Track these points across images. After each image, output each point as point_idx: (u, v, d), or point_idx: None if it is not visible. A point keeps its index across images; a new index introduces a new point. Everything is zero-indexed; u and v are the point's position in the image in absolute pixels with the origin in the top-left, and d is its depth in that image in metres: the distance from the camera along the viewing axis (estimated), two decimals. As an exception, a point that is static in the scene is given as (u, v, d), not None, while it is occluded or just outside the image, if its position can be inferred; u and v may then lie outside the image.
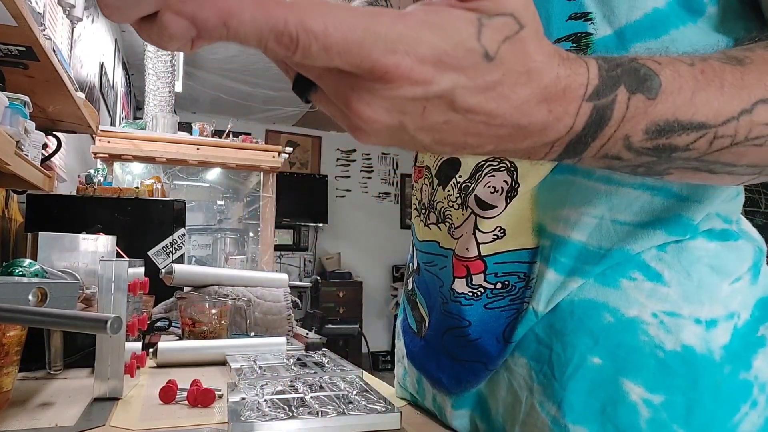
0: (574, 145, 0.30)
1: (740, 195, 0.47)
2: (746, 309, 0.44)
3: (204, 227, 2.87)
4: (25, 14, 0.90)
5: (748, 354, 0.42)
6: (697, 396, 0.40)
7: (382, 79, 0.24)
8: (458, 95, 0.26)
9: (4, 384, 0.72)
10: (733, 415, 0.41)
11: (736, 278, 0.44)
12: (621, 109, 0.29)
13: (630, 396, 0.41)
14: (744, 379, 0.41)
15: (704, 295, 0.43)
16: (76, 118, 1.43)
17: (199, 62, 4.14)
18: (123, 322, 0.82)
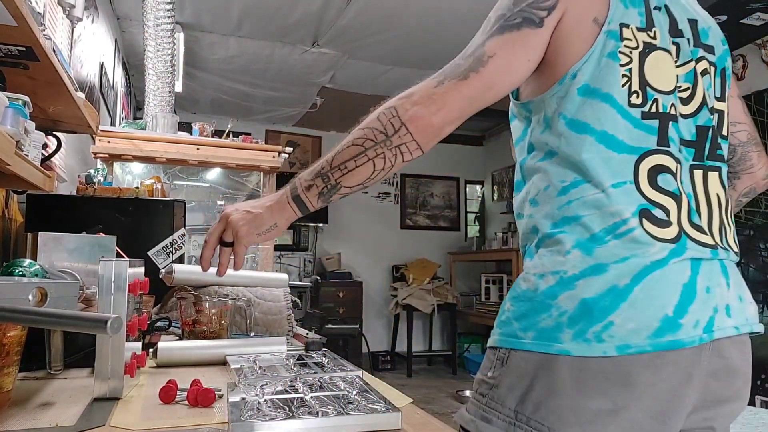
0: (294, 194, 0.88)
1: None
2: None
3: (204, 227, 2.87)
4: (25, 14, 0.90)
5: None
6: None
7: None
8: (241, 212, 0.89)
9: (4, 384, 0.72)
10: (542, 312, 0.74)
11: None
12: (296, 177, 0.87)
13: (505, 306, 0.80)
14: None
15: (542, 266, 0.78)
16: (76, 119, 1.43)
17: (199, 62, 4.14)
18: (123, 322, 0.82)
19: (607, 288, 0.70)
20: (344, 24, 3.49)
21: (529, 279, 0.77)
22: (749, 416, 2.34)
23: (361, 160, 0.79)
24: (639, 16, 0.77)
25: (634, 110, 0.75)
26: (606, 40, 0.75)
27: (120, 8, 3.39)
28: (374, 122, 0.79)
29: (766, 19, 2.58)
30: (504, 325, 0.77)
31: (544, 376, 0.70)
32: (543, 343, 0.72)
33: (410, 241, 6.15)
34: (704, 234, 0.75)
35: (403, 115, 0.76)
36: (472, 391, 0.79)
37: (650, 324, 0.68)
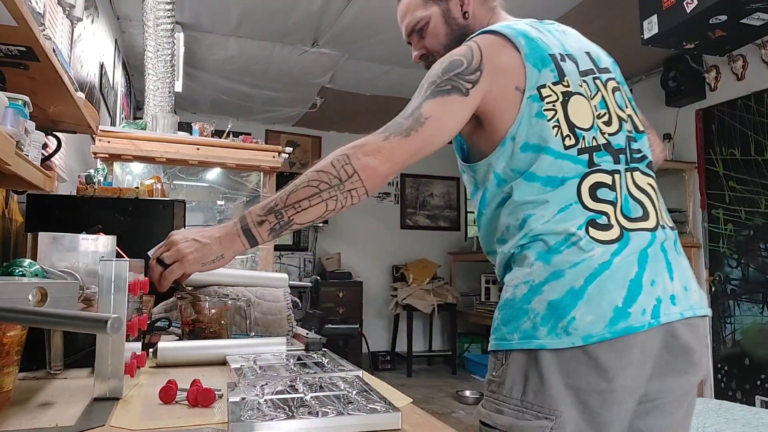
0: (244, 227, 0.94)
1: None
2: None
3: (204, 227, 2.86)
4: (25, 14, 0.90)
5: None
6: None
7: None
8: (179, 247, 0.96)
9: (4, 384, 0.72)
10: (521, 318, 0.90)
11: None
12: (247, 213, 0.94)
13: (495, 314, 0.97)
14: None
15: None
16: (76, 119, 1.43)
17: (199, 63, 4.14)
18: (123, 322, 0.82)
19: (566, 290, 0.85)
20: (344, 24, 3.49)
21: (508, 290, 0.93)
22: (749, 416, 2.34)
23: (315, 201, 0.88)
24: (551, 72, 0.94)
25: (570, 150, 0.92)
26: (530, 104, 0.92)
27: (120, 8, 3.39)
28: (329, 167, 0.89)
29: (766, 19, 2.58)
30: (496, 331, 0.93)
31: (534, 369, 0.85)
32: (526, 341, 0.86)
33: (410, 241, 6.15)
34: (641, 221, 0.91)
35: (355, 164, 0.88)
36: (485, 391, 0.93)
37: (605, 315, 0.83)
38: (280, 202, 0.89)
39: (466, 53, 0.95)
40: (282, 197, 0.90)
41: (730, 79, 3.62)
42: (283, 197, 0.89)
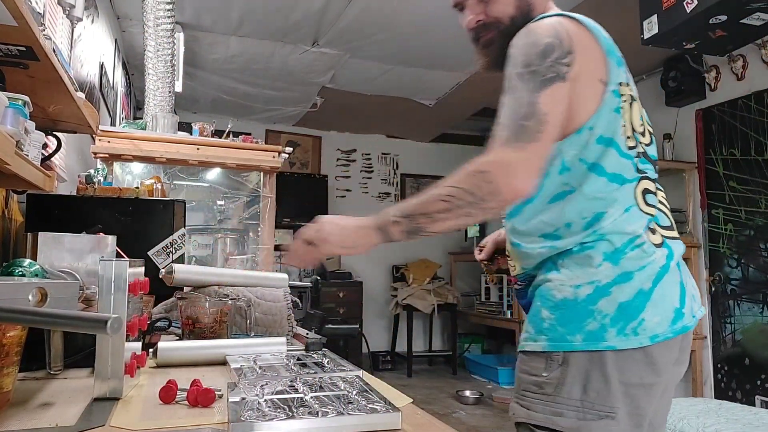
0: (381, 227, 0.95)
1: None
2: None
3: (204, 227, 2.86)
4: (25, 14, 0.90)
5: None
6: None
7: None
8: (311, 235, 0.99)
9: (4, 384, 0.72)
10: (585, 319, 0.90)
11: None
12: (383, 212, 0.94)
13: (542, 314, 0.94)
14: None
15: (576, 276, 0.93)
16: (76, 118, 1.43)
17: (199, 62, 4.14)
18: (123, 322, 0.82)
19: (636, 292, 0.88)
20: (344, 24, 3.49)
21: (564, 289, 0.92)
22: (749, 416, 2.34)
23: (448, 215, 0.89)
24: (624, 73, 0.96)
25: (630, 151, 0.94)
26: (612, 98, 0.93)
27: (120, 8, 3.39)
28: (470, 185, 0.88)
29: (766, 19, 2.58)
30: (549, 332, 0.92)
31: (597, 369, 0.87)
32: (592, 343, 0.87)
33: (410, 241, 6.14)
34: (672, 230, 0.98)
35: (497, 182, 0.86)
36: (524, 393, 0.93)
37: (668, 316, 0.89)
38: (414, 210, 0.91)
39: (555, 34, 0.91)
40: (417, 205, 0.91)
41: (730, 79, 3.61)
42: (418, 205, 0.90)
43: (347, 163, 6.07)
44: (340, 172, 6.02)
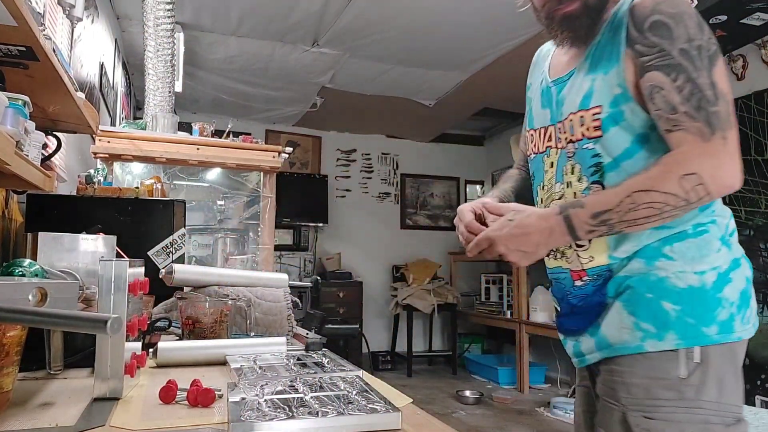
0: (566, 231, 0.87)
1: None
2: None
3: (204, 227, 2.86)
4: (25, 14, 0.90)
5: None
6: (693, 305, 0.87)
7: (492, 240, 0.92)
8: (511, 232, 0.91)
9: (4, 384, 0.72)
10: (714, 309, 0.86)
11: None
12: (573, 213, 0.87)
13: (665, 306, 0.87)
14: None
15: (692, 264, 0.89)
16: (76, 118, 1.42)
17: (199, 62, 4.14)
18: (123, 322, 0.82)
19: (746, 278, 0.89)
20: (344, 24, 3.48)
21: (686, 277, 0.86)
22: (749, 416, 2.34)
23: (654, 219, 0.84)
24: None
25: None
26: None
27: (120, 8, 3.39)
28: (679, 190, 0.81)
29: (766, 19, 2.58)
30: (678, 326, 0.85)
31: (730, 364, 0.85)
32: (725, 334, 0.84)
33: (410, 241, 6.15)
34: None
35: (712, 184, 0.81)
36: (656, 404, 0.84)
37: (755, 307, 0.90)
38: (613, 217, 0.84)
39: (691, 6, 0.86)
40: (617, 212, 0.83)
41: (730, 78, 3.61)
42: (620, 213, 0.83)
43: (347, 163, 6.07)
44: (340, 172, 6.02)
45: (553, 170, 1.02)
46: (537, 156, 1.08)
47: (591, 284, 0.95)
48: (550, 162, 1.03)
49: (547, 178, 1.03)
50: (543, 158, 1.05)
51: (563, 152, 0.99)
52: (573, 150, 0.96)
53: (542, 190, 1.06)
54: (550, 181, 1.03)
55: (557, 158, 1.01)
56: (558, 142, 1.01)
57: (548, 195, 1.03)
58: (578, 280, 0.97)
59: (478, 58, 3.94)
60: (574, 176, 0.96)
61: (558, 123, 1.00)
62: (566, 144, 0.98)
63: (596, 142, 0.92)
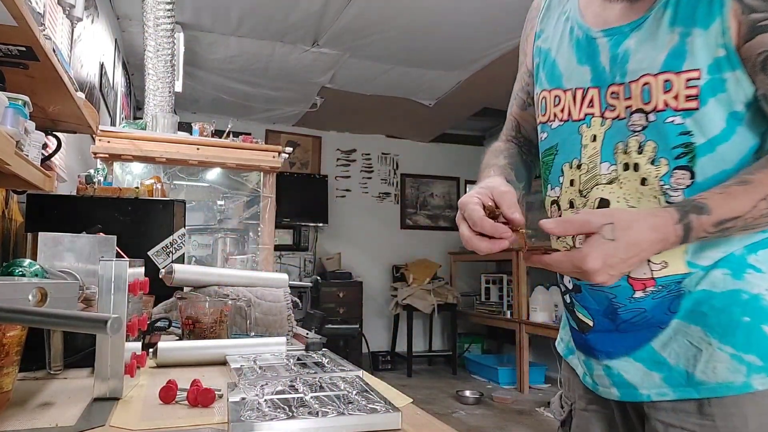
0: (683, 240, 0.69)
1: None
2: None
3: (204, 227, 2.87)
4: (25, 14, 0.90)
5: None
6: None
7: (588, 272, 0.69)
8: (618, 257, 0.68)
9: (4, 384, 0.72)
10: None
11: None
12: (695, 222, 0.68)
13: (765, 330, 0.72)
14: None
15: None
16: (76, 118, 1.43)
17: (199, 62, 4.14)
18: (123, 322, 0.82)
19: None
20: (344, 24, 3.48)
21: None
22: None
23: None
24: None
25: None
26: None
27: (120, 8, 3.39)
28: None
29: (767, 19, 2.58)
30: None
31: None
32: None
33: (410, 241, 6.15)
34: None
35: None
36: None
37: None
38: (740, 224, 0.69)
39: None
40: (747, 219, 0.68)
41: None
42: (748, 219, 0.68)
43: (347, 163, 6.08)
44: (340, 172, 6.02)
45: (597, 145, 0.81)
46: (565, 125, 0.86)
47: (652, 297, 0.77)
48: (591, 134, 0.82)
49: (587, 154, 0.82)
50: (579, 128, 0.83)
51: (620, 124, 0.78)
52: (643, 123, 0.75)
53: (575, 169, 0.84)
54: (592, 160, 0.81)
55: (604, 130, 0.80)
56: (608, 110, 0.80)
57: (589, 177, 0.82)
58: (640, 291, 0.78)
59: (478, 58, 3.94)
60: (643, 157, 0.75)
61: (613, 85, 0.79)
62: (628, 114, 0.77)
63: (687, 115, 0.72)
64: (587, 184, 0.82)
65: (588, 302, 0.84)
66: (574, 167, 0.84)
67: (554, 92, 0.88)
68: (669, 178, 0.74)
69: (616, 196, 0.79)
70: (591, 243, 0.68)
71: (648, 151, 0.76)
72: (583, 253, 0.68)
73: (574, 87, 0.85)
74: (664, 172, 0.75)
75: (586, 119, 0.83)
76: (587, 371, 0.89)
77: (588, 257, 0.67)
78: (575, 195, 0.85)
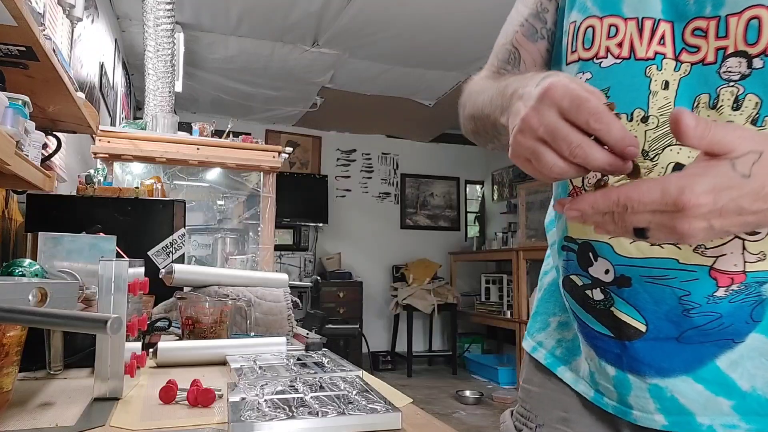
0: None
1: None
2: None
3: (204, 227, 2.87)
4: (25, 14, 0.90)
5: None
6: None
7: (683, 209, 0.43)
8: (738, 203, 0.44)
9: (4, 384, 0.72)
10: None
11: None
12: None
13: None
14: None
15: None
16: (76, 118, 1.43)
17: (199, 62, 4.14)
18: (123, 322, 0.82)
19: None
20: (344, 24, 3.49)
21: None
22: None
23: None
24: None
25: None
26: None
27: (120, 8, 3.39)
28: None
29: (767, 19, 2.59)
30: None
31: None
32: None
33: (410, 241, 6.15)
34: None
35: None
36: None
37: None
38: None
39: None
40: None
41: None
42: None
43: (347, 163, 6.08)
44: (340, 172, 6.02)
45: (669, 95, 0.63)
46: (624, 64, 0.65)
47: (731, 299, 0.60)
48: (662, 80, 0.63)
49: (657, 105, 0.63)
50: (646, 70, 0.64)
51: (706, 70, 0.60)
52: (743, 71, 0.58)
53: (639, 123, 0.64)
54: (664, 112, 0.63)
55: (679, 77, 0.62)
56: (686, 52, 0.62)
57: (660, 134, 0.62)
58: (723, 288, 0.59)
59: (478, 58, 3.94)
60: (741, 115, 0.58)
61: (698, 19, 0.61)
62: (720, 57, 0.59)
63: None
64: (656, 143, 0.63)
65: (642, 300, 0.64)
66: (637, 120, 0.64)
67: (609, 20, 0.67)
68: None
69: None
70: (708, 167, 0.45)
71: (749, 108, 0.58)
72: (690, 175, 0.44)
73: (640, 16, 0.65)
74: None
75: (656, 59, 0.63)
76: (615, 389, 0.69)
77: (695, 185, 0.43)
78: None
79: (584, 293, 0.70)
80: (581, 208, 0.49)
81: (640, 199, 0.45)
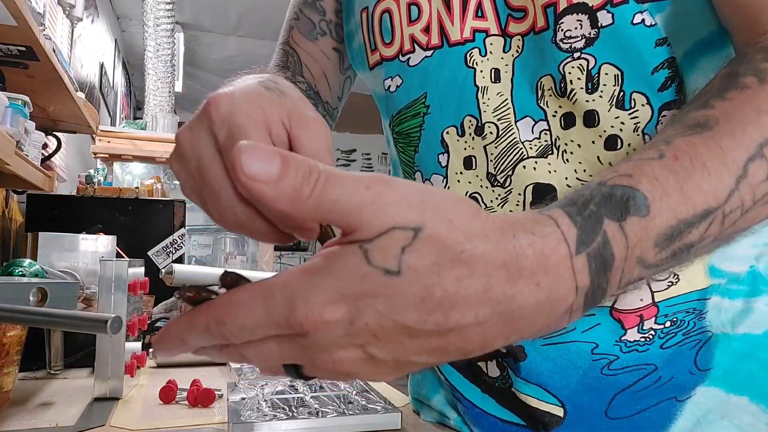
0: (592, 297, 0.26)
1: None
2: None
3: (204, 227, 2.87)
4: (25, 14, 0.90)
5: None
6: None
7: (306, 332, 0.24)
8: (396, 320, 0.23)
9: (4, 384, 0.72)
10: None
11: None
12: (619, 241, 0.27)
13: None
14: None
15: None
16: (76, 118, 1.43)
17: (199, 62, 4.14)
18: (123, 322, 0.82)
19: None
20: (344, 24, 3.49)
21: None
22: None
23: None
24: None
25: None
26: None
27: (120, 8, 3.39)
28: None
29: None
30: None
31: None
32: None
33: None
34: None
35: None
36: None
37: None
38: (715, 230, 0.31)
39: None
40: (734, 212, 0.31)
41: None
42: (736, 212, 0.31)
43: (347, 163, 6.08)
44: (340, 172, 6.03)
45: (503, 88, 0.46)
46: (437, 55, 0.49)
47: (664, 342, 0.45)
48: (489, 68, 0.46)
49: (491, 105, 0.46)
50: (466, 57, 0.47)
51: (540, 41, 0.44)
52: (587, 32, 0.42)
53: (471, 138, 0.48)
54: (502, 114, 0.46)
55: (515, 58, 0.46)
56: (513, 21, 0.46)
57: (505, 147, 0.46)
58: (633, 329, 0.45)
59: (478, 58, 3.94)
60: (601, 97, 0.42)
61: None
62: (552, 20, 0.43)
63: (658, 9, 0.41)
64: (502, 160, 0.46)
65: (546, 373, 0.47)
66: (470, 133, 0.47)
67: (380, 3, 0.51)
68: (651, 129, 0.41)
69: (561, 177, 0.44)
70: (333, 257, 0.24)
71: (608, 85, 0.42)
72: (307, 273, 0.25)
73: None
74: (647, 119, 0.41)
75: (476, 39, 0.46)
76: None
77: (312, 291, 0.24)
78: (481, 184, 0.47)
79: (476, 366, 0.52)
80: (166, 345, 0.28)
81: (237, 323, 0.25)
